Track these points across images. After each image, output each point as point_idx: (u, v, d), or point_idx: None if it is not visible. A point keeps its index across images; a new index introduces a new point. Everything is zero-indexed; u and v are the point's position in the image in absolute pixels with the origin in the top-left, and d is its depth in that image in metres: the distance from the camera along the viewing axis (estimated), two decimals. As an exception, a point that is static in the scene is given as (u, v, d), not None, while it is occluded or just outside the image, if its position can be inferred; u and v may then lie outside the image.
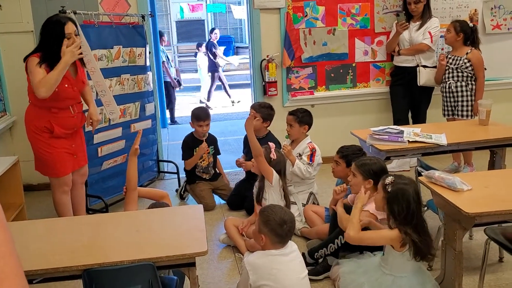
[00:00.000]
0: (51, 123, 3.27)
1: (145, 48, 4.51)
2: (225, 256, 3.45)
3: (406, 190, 2.42)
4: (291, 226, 2.52)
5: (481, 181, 2.72)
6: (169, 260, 2.07)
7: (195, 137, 4.31)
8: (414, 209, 2.41)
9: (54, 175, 3.40)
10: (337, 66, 5.10)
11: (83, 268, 2.01)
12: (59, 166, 3.36)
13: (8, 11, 4.44)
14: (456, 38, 4.41)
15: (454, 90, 4.48)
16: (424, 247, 2.40)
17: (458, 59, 4.43)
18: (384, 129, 3.61)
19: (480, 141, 3.59)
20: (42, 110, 3.28)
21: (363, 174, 2.91)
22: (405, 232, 2.38)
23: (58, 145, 3.33)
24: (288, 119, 3.89)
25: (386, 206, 2.44)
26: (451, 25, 4.45)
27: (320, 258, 3.09)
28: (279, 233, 2.46)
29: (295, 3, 4.88)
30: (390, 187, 2.43)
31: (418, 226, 2.41)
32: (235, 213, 4.11)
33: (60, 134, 3.32)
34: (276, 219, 2.47)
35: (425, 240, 2.41)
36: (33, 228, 2.45)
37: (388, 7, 5.01)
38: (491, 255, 3.14)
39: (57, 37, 3.18)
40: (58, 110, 3.30)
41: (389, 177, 2.48)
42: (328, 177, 4.46)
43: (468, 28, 4.43)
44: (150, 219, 2.47)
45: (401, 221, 2.40)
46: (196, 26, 16.13)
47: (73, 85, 3.33)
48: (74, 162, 3.47)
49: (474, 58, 4.38)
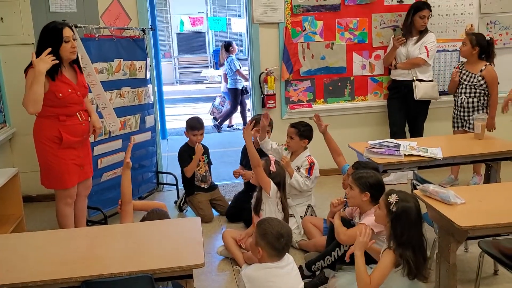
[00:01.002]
0: (60, 131, 3.29)
1: (145, 61, 4.57)
2: (223, 268, 3.48)
3: (410, 211, 2.41)
4: (288, 239, 2.52)
5: (474, 194, 2.76)
6: (166, 272, 2.10)
7: (190, 146, 4.37)
8: (418, 229, 2.43)
9: (60, 186, 3.40)
10: (335, 79, 5.16)
11: (82, 280, 2.04)
12: (66, 177, 3.38)
13: (9, 23, 4.50)
14: (472, 52, 4.40)
15: (466, 105, 4.52)
16: (417, 268, 2.40)
17: (472, 76, 4.43)
18: (381, 143, 3.65)
19: (475, 155, 3.64)
20: (50, 120, 3.29)
21: (360, 187, 2.93)
22: (400, 254, 2.40)
23: (66, 156, 3.34)
24: (290, 131, 3.93)
25: (389, 226, 2.44)
26: (467, 38, 4.44)
27: (317, 270, 3.12)
28: (276, 247, 2.47)
29: (294, 18, 4.95)
30: (395, 207, 2.42)
31: (416, 246, 2.42)
32: (233, 225, 4.14)
33: (69, 142, 3.33)
34: (273, 232, 2.47)
35: (420, 260, 2.42)
36: (32, 240, 2.48)
37: (385, 22, 5.08)
38: (486, 268, 3.18)
39: (55, 42, 3.20)
40: (66, 117, 3.31)
41: (393, 195, 2.45)
42: (326, 190, 4.51)
43: (484, 41, 4.42)
44: (148, 231, 2.51)
45: (402, 241, 2.40)
46: (197, 38, 16.23)
47: (76, 90, 3.35)
48: (81, 174, 3.49)
49: (488, 76, 4.39)
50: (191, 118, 4.43)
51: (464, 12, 5.16)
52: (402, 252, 2.40)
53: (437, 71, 5.22)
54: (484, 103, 4.48)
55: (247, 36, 5.15)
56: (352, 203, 3.01)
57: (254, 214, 3.50)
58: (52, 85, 3.22)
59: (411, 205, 2.43)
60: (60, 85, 3.25)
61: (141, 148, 4.60)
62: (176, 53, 16.16)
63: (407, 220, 2.40)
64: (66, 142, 3.32)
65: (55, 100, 3.24)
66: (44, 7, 4.49)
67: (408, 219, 2.40)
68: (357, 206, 3.01)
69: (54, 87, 3.22)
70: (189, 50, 16.22)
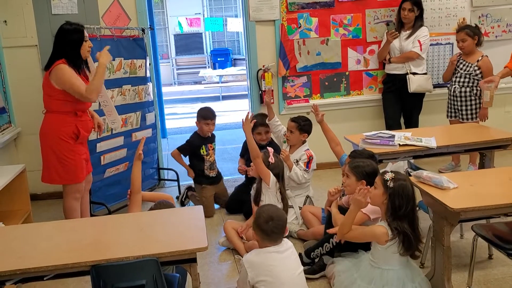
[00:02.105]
0: (78, 127, 3.42)
1: (145, 60, 4.67)
2: (225, 258, 3.58)
3: (407, 185, 2.58)
4: (278, 224, 2.60)
5: (466, 180, 2.86)
6: (171, 255, 2.20)
7: (200, 135, 4.46)
8: (413, 204, 2.58)
9: (74, 181, 3.49)
10: (331, 74, 5.27)
11: (91, 264, 2.14)
12: (79, 172, 3.49)
13: (13, 26, 4.60)
14: (473, 43, 4.57)
15: (458, 94, 4.66)
16: (415, 241, 2.56)
17: (469, 65, 4.60)
18: (376, 134, 3.75)
19: (469, 143, 3.72)
20: (68, 116, 3.41)
21: (356, 175, 3.02)
22: (396, 226, 2.53)
23: (80, 151, 3.48)
24: (290, 125, 4.03)
25: (388, 200, 2.57)
26: (463, 34, 4.57)
27: (316, 257, 3.21)
28: (263, 229, 2.58)
29: (289, 15, 5.05)
30: (392, 183, 2.56)
31: (411, 220, 2.57)
32: (233, 216, 4.24)
33: (83, 138, 3.50)
34: (263, 215, 2.61)
35: (415, 233, 2.57)
36: (41, 230, 2.58)
37: (379, 17, 5.19)
38: (481, 252, 3.28)
39: (79, 41, 3.41)
40: (82, 113, 3.48)
41: (389, 173, 2.61)
42: (324, 182, 4.61)
43: (477, 29, 4.62)
44: (152, 219, 2.60)
45: (400, 215, 2.55)
46: (194, 39, 16.33)
47: None
48: (87, 169, 3.63)
49: (484, 66, 4.56)
50: (203, 108, 4.52)
51: (456, 6, 5.27)
52: (399, 225, 2.53)
53: (431, 64, 5.32)
54: (477, 93, 4.60)
55: (244, 34, 5.25)
56: (348, 191, 3.09)
57: (254, 204, 3.60)
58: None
59: (406, 181, 2.60)
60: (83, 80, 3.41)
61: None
62: (174, 54, 16.26)
63: (404, 194, 2.55)
64: (82, 137, 3.48)
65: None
66: (46, 9, 4.60)
67: (405, 193, 2.55)
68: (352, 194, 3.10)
69: None
70: (186, 51, 16.32)
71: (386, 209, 2.60)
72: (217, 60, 15.72)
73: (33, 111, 4.27)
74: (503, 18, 5.33)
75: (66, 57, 3.36)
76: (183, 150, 4.45)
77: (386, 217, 2.60)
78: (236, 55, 16.50)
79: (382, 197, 2.61)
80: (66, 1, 4.63)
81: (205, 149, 4.44)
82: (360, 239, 2.76)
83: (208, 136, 4.47)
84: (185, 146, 4.45)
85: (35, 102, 4.14)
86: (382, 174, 2.65)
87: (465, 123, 4.64)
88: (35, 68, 4.64)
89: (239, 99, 11.71)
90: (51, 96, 3.39)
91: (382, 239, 2.57)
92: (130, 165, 4.52)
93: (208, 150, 4.45)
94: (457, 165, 5.01)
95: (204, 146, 4.43)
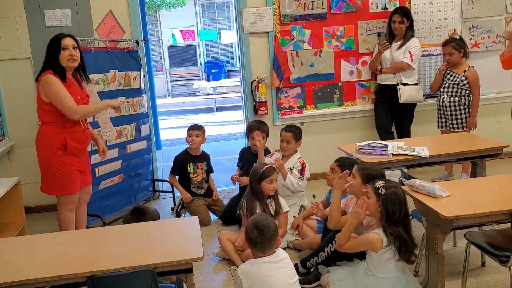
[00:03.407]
0: (66, 138, 3.40)
1: (139, 72, 4.70)
2: (220, 268, 3.58)
3: (398, 191, 2.64)
4: (262, 233, 2.59)
5: (458, 188, 2.90)
6: (168, 265, 2.21)
7: (188, 153, 4.52)
8: (405, 208, 2.64)
9: (65, 192, 3.48)
10: (324, 85, 5.31)
11: (87, 275, 2.14)
12: (72, 183, 3.47)
13: (6, 38, 4.62)
14: (460, 56, 4.68)
15: (447, 104, 4.74)
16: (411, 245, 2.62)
17: (456, 76, 4.69)
18: (370, 144, 3.79)
19: (461, 152, 3.76)
20: (56, 127, 3.40)
21: (362, 178, 3.02)
22: (391, 232, 2.56)
23: (70, 162, 3.44)
24: (287, 136, 4.06)
25: (382, 207, 2.62)
26: (449, 48, 4.67)
27: (312, 267, 3.22)
28: (250, 237, 2.61)
29: (283, 27, 5.11)
30: (383, 190, 2.62)
31: (405, 225, 2.63)
32: (228, 227, 4.25)
33: (73, 149, 3.44)
34: (250, 224, 2.64)
35: (411, 238, 2.63)
36: (37, 242, 2.59)
37: (371, 29, 5.25)
38: (474, 260, 3.31)
39: (55, 50, 3.37)
40: (72, 124, 3.43)
41: (379, 181, 2.66)
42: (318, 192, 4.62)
43: (462, 41, 4.73)
44: (148, 230, 2.61)
45: (395, 220, 2.59)
46: (188, 51, 16.41)
47: (83, 98, 3.49)
48: (82, 180, 3.59)
49: (471, 76, 4.66)
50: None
51: (447, 17, 5.35)
52: (394, 230, 2.58)
53: (423, 75, 5.38)
54: (465, 102, 4.68)
55: (238, 46, 5.30)
56: (352, 191, 3.11)
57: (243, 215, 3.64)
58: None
59: (397, 187, 2.67)
60: (70, 91, 3.38)
61: (137, 157, 4.71)
62: (168, 66, 16.31)
63: (396, 199, 2.61)
64: (71, 149, 3.42)
65: None
66: (40, 22, 4.62)
67: (397, 198, 2.61)
68: (355, 195, 3.11)
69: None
70: (180, 63, 16.38)
71: (381, 216, 2.64)
72: (211, 72, 15.79)
73: (27, 124, 4.27)
74: (493, 29, 5.41)
75: (52, 68, 3.36)
76: (175, 170, 4.52)
77: (381, 224, 2.63)
78: (230, 66, 16.58)
79: (376, 205, 2.65)
80: (60, 14, 4.66)
81: (193, 167, 4.48)
82: (356, 248, 2.79)
83: (198, 155, 4.51)
84: (175, 165, 4.51)
85: (29, 115, 4.15)
86: (373, 183, 2.69)
87: (456, 132, 4.70)
88: (29, 81, 4.64)
89: (233, 110, 11.76)
90: (41, 107, 3.41)
91: (377, 245, 2.60)
92: (125, 177, 4.54)
93: (196, 168, 4.48)
94: (450, 174, 5.06)
95: (192, 163, 4.47)
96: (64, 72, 3.39)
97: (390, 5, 5.21)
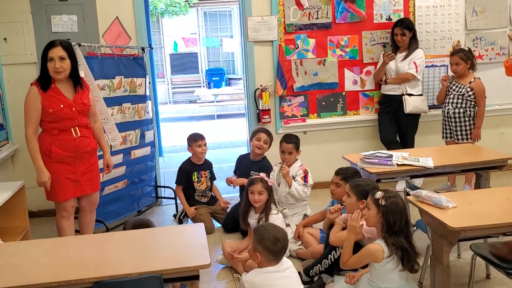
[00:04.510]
0: (51, 145, 3.36)
1: (145, 79, 4.71)
2: (223, 276, 3.57)
3: (398, 201, 2.62)
4: (284, 243, 2.65)
5: (465, 199, 2.89)
6: (174, 272, 2.20)
7: (192, 162, 4.50)
8: (406, 217, 2.62)
9: (53, 199, 3.48)
10: (327, 94, 5.33)
11: (94, 281, 2.14)
12: (59, 191, 3.43)
13: (13, 43, 4.64)
14: (466, 67, 4.68)
15: (452, 115, 4.75)
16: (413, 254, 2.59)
17: (461, 87, 4.69)
18: (374, 153, 3.79)
19: (465, 164, 3.75)
20: (44, 134, 3.39)
21: (357, 195, 3.04)
22: (393, 242, 2.55)
23: (57, 170, 3.39)
24: (288, 147, 4.06)
25: (382, 219, 2.60)
26: (457, 57, 4.67)
27: (315, 275, 3.21)
28: (272, 251, 2.59)
29: (287, 36, 5.13)
30: (383, 201, 2.60)
31: (407, 234, 2.61)
32: (230, 235, 4.24)
33: (59, 157, 3.38)
34: (269, 237, 2.60)
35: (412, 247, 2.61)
36: (42, 246, 2.58)
37: (375, 39, 5.28)
38: (479, 272, 3.29)
39: (43, 60, 3.37)
40: (58, 131, 3.37)
41: (378, 192, 2.64)
42: (321, 201, 4.62)
43: (470, 53, 4.73)
44: (154, 236, 2.61)
45: (396, 230, 2.57)
46: (190, 59, 16.44)
47: (71, 106, 3.38)
48: (77, 190, 3.52)
49: (477, 88, 4.66)
50: (191, 133, 4.57)
51: (451, 29, 5.37)
52: (396, 240, 2.56)
53: (426, 85, 5.40)
54: (470, 114, 4.68)
55: (242, 54, 5.32)
56: (349, 210, 3.09)
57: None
58: (44, 100, 3.32)
59: (397, 197, 2.64)
60: (52, 100, 3.33)
61: (140, 163, 4.71)
62: (169, 73, 16.34)
63: (396, 210, 2.59)
64: (56, 156, 3.37)
65: (47, 115, 3.34)
66: (46, 27, 4.64)
67: (397, 208, 2.59)
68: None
69: (46, 103, 3.32)
70: (182, 70, 16.41)
71: (382, 227, 2.62)
72: (212, 79, 15.81)
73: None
74: (497, 41, 5.44)
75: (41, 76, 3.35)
76: (180, 180, 4.49)
77: (382, 234, 2.62)
78: (231, 74, 16.62)
79: (376, 217, 2.64)
80: (66, 19, 4.68)
81: (197, 176, 4.47)
82: (360, 262, 2.76)
83: (201, 163, 4.51)
84: (180, 175, 4.50)
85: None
86: (372, 194, 2.69)
87: (460, 143, 4.70)
88: (34, 86, 4.65)
89: (233, 118, 11.78)
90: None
91: (378, 256, 2.58)
92: (129, 182, 4.54)
93: (201, 177, 4.48)
94: (453, 186, 5.06)
95: (196, 172, 4.47)
96: (49, 82, 3.35)
97: (394, 16, 5.24)
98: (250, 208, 3.65)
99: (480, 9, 5.36)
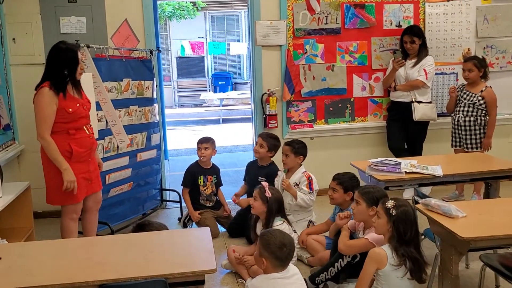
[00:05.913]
0: (70, 145, 3.36)
1: (152, 81, 4.70)
2: (228, 282, 3.54)
3: (409, 211, 2.59)
4: (291, 249, 2.61)
5: (475, 209, 2.85)
6: (180, 276, 2.17)
7: (199, 165, 4.51)
8: (416, 227, 2.60)
9: (69, 202, 3.43)
10: (336, 100, 5.30)
11: (99, 284, 2.11)
12: (77, 192, 3.40)
13: (21, 44, 4.64)
14: (479, 75, 4.63)
15: (462, 124, 4.70)
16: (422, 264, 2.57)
17: (472, 95, 4.64)
18: (382, 161, 3.75)
19: (474, 173, 3.72)
20: (60, 135, 3.36)
21: (367, 202, 2.99)
22: (403, 252, 2.52)
23: (76, 170, 3.38)
24: (284, 149, 4.07)
25: (393, 228, 2.57)
26: (470, 64, 4.62)
27: (321, 283, 3.17)
28: (279, 256, 2.55)
29: (296, 41, 5.11)
30: (394, 210, 2.57)
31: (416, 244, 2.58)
32: (236, 240, 4.21)
33: (79, 155, 3.40)
34: (276, 242, 2.57)
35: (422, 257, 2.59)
36: (48, 247, 2.56)
37: (384, 45, 5.25)
38: (487, 282, 3.25)
39: (69, 62, 3.34)
40: (75, 131, 3.39)
41: (389, 201, 2.62)
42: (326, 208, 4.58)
43: (483, 61, 4.69)
44: (160, 240, 2.58)
45: (406, 240, 2.54)
46: (196, 63, 16.46)
47: (83, 104, 3.45)
48: (89, 188, 3.54)
49: (488, 97, 4.60)
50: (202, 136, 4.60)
51: (461, 36, 5.34)
52: (406, 250, 2.53)
53: (436, 93, 5.36)
54: (481, 123, 4.63)
55: (250, 58, 5.30)
56: (358, 218, 3.07)
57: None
58: (62, 102, 3.32)
59: (408, 206, 2.62)
60: (69, 100, 3.36)
61: (146, 166, 4.70)
62: (176, 77, 16.36)
63: (407, 219, 2.56)
64: (76, 155, 3.38)
65: (65, 115, 3.33)
66: (55, 29, 4.64)
67: (408, 218, 2.57)
68: (363, 221, 3.08)
69: (64, 103, 3.33)
70: (188, 74, 16.43)
71: (391, 236, 2.59)
72: (218, 83, 15.83)
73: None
74: (508, 50, 5.40)
75: (53, 78, 3.32)
76: (186, 183, 4.50)
77: (393, 244, 2.58)
78: (237, 79, 16.62)
79: (386, 226, 2.61)
80: (75, 21, 4.67)
81: (203, 180, 4.46)
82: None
83: (209, 168, 4.51)
84: (186, 178, 4.50)
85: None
86: (383, 203, 2.65)
87: (470, 152, 4.66)
88: (42, 86, 4.65)
89: (239, 122, 11.77)
90: None
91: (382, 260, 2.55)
92: (134, 185, 4.52)
93: (207, 181, 4.46)
94: (461, 194, 5.01)
95: (202, 176, 4.46)
96: (66, 84, 3.36)
97: (404, 22, 5.21)
98: (258, 220, 3.67)
99: (492, 17, 5.32)
